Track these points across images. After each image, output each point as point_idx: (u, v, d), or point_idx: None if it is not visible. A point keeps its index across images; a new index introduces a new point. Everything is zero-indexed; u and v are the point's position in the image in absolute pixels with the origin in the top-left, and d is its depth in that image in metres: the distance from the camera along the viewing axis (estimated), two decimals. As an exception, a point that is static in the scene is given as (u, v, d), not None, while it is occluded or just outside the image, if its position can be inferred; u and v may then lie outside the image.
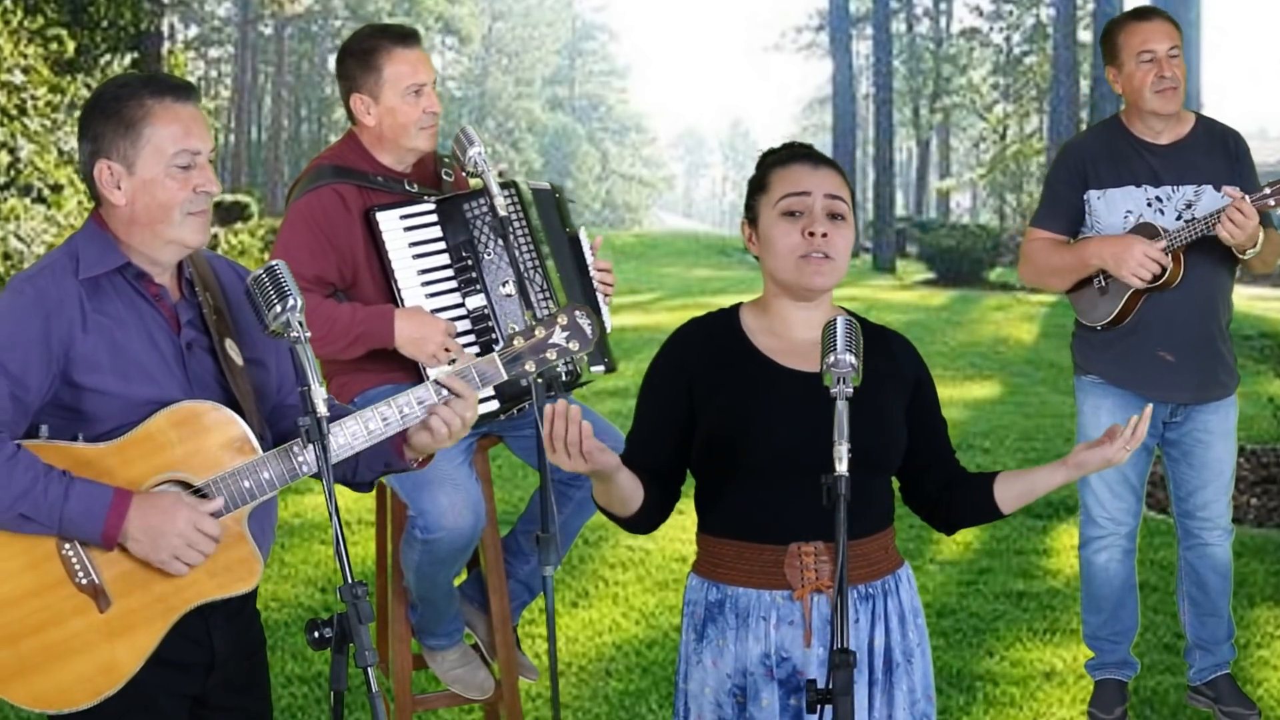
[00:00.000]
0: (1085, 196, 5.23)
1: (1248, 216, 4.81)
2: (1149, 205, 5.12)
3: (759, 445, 3.20)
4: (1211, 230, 4.91)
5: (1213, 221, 4.89)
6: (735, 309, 3.43)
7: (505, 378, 3.30)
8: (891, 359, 3.37)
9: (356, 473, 3.39)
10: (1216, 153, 5.17)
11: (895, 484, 3.45)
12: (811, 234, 3.24)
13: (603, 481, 3.16)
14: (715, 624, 3.28)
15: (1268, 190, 4.88)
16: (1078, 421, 5.43)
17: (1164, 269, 5.00)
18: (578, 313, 3.35)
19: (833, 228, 3.26)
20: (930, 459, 3.40)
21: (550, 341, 3.32)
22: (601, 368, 4.72)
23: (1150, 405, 3.31)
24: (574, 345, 3.34)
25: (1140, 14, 5.25)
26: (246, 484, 3.13)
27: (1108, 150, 5.24)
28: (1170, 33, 5.14)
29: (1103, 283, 5.19)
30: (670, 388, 3.34)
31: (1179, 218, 5.08)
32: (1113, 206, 5.16)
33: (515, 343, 3.31)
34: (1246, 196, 4.84)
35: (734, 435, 3.24)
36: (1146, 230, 5.07)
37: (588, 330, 3.35)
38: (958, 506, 3.39)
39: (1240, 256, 5.00)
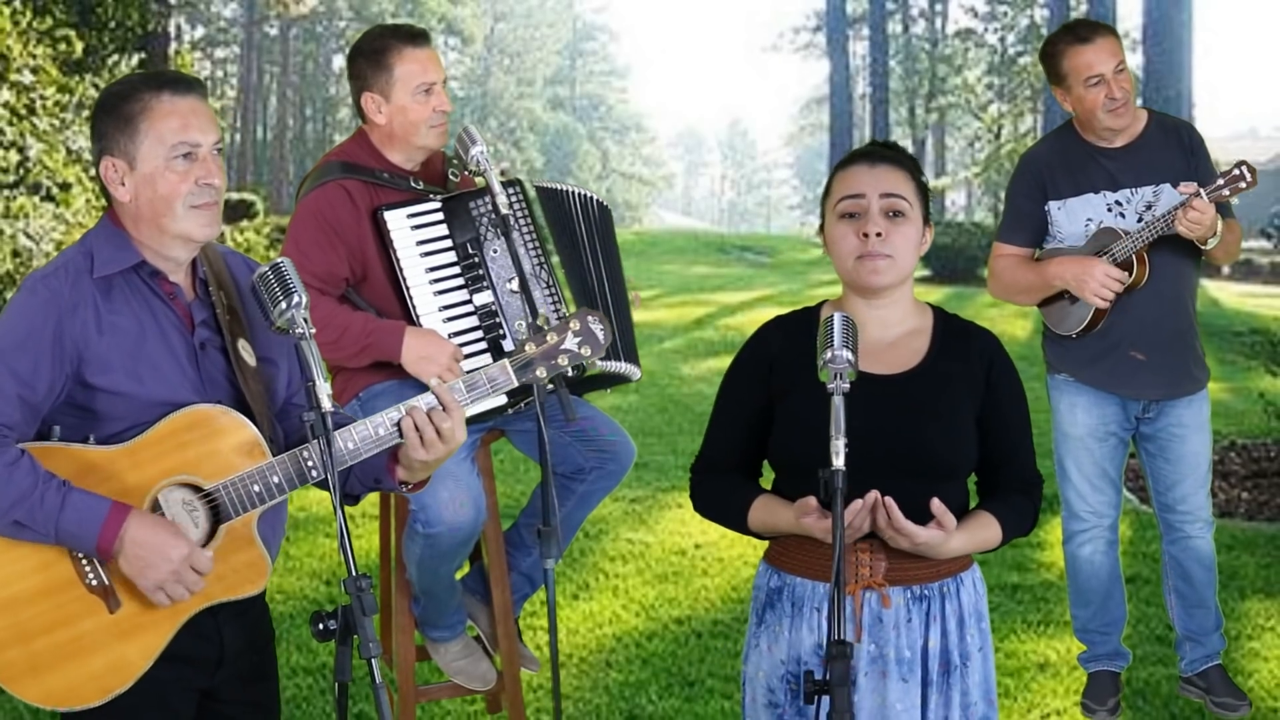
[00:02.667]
0: (1046, 208, 5.21)
1: (1203, 212, 4.79)
2: (1109, 210, 5.10)
3: (820, 443, 3.19)
4: (1171, 227, 4.89)
5: (1171, 218, 4.88)
6: (818, 307, 3.44)
7: (516, 384, 3.29)
8: (965, 360, 3.32)
9: (348, 483, 3.36)
10: (1172, 149, 5.14)
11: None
12: (866, 235, 3.23)
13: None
14: (774, 610, 3.30)
15: (1221, 181, 4.85)
16: (1053, 419, 5.42)
17: (1124, 285, 4.99)
18: (590, 318, 3.33)
19: (890, 226, 3.24)
20: (993, 461, 3.32)
21: (562, 347, 3.31)
22: (637, 372, 4.72)
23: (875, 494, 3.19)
24: (586, 350, 3.32)
25: (1080, 35, 5.12)
26: (256, 488, 3.11)
27: (1064, 159, 5.21)
28: (1114, 49, 5.06)
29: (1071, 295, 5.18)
30: (750, 383, 3.36)
31: (1140, 219, 5.07)
32: (1074, 216, 5.14)
33: (527, 348, 3.29)
34: (1202, 191, 4.81)
35: (799, 432, 3.24)
36: (1107, 235, 5.05)
37: (600, 336, 3.33)
38: None
39: (1202, 248, 4.99)
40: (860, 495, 3.03)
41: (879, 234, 3.22)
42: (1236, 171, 4.85)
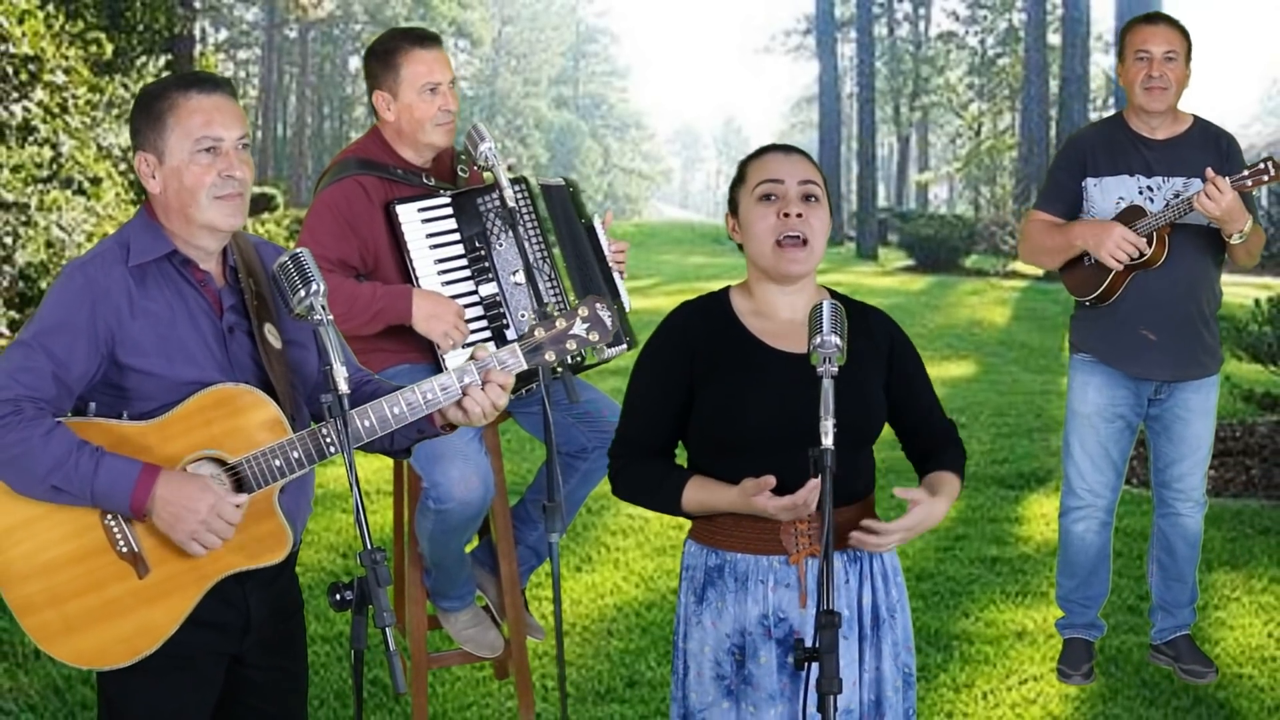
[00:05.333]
0: (1083, 183, 5.26)
1: (1222, 191, 4.83)
2: (1140, 193, 5.15)
3: (753, 422, 3.20)
4: (1191, 208, 4.94)
5: (1190, 201, 4.92)
6: (724, 292, 3.42)
7: (525, 367, 3.27)
8: (870, 336, 3.35)
9: (394, 442, 3.36)
10: (1209, 151, 5.18)
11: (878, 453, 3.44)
12: (786, 215, 3.24)
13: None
14: (714, 587, 3.28)
15: (1246, 172, 4.93)
16: (1068, 395, 5.44)
17: (1141, 252, 5.03)
18: (598, 305, 3.30)
19: (807, 209, 3.25)
20: (914, 422, 3.40)
21: (571, 333, 3.28)
22: (623, 346, 4.69)
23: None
24: (594, 336, 3.29)
25: (1149, 17, 5.31)
26: (277, 462, 3.12)
27: (1107, 142, 5.27)
28: (1169, 37, 5.15)
29: (1092, 259, 5.21)
30: (673, 368, 3.32)
31: (1166, 206, 5.10)
32: (1107, 193, 5.19)
33: (536, 333, 3.26)
34: (1223, 179, 4.87)
35: (730, 412, 3.23)
36: (1133, 211, 5.11)
37: (608, 322, 3.30)
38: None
39: (1227, 240, 5.03)
40: (776, 466, 3.07)
41: (799, 215, 3.24)
42: (1261, 165, 4.94)
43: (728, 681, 3.27)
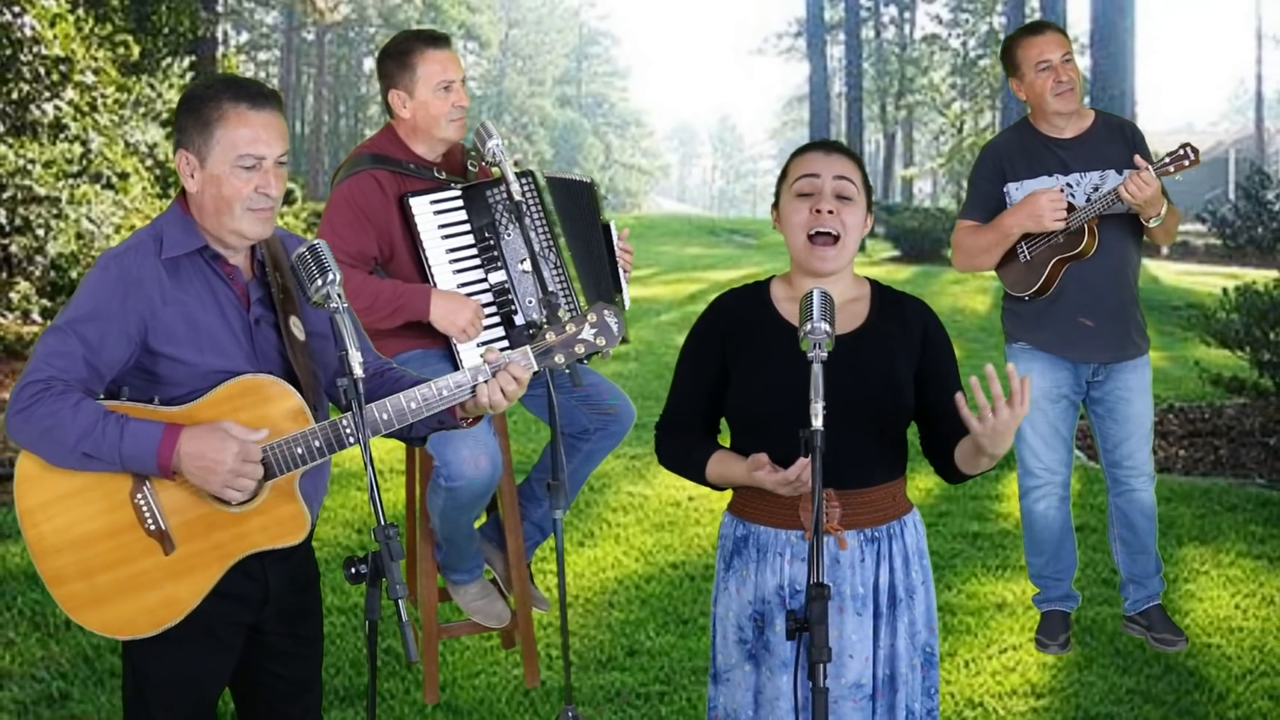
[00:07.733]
0: (1005, 189, 5.24)
1: (1148, 183, 4.87)
2: (1061, 191, 5.13)
3: (776, 401, 3.19)
4: (1118, 200, 4.97)
5: (1119, 189, 4.95)
6: (768, 281, 3.44)
7: (536, 369, 3.28)
8: (902, 323, 3.33)
9: (413, 429, 3.36)
10: (1116, 142, 5.21)
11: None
12: (819, 211, 3.23)
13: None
14: (740, 556, 3.31)
15: (1168, 159, 4.97)
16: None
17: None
18: (606, 311, 3.31)
19: (840, 206, 3.24)
20: (938, 412, 3.31)
21: (580, 337, 3.29)
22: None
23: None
24: (601, 341, 3.30)
25: (1033, 29, 5.29)
26: (299, 450, 3.12)
27: (1021, 148, 5.27)
28: (1061, 41, 5.20)
29: (1027, 256, 5.21)
30: (707, 350, 3.35)
31: (1088, 199, 5.11)
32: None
33: (547, 337, 3.28)
34: (1150, 166, 4.91)
35: (755, 392, 3.24)
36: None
37: (614, 328, 3.31)
38: (947, 468, 3.31)
39: (1146, 224, 5.06)
40: (796, 445, 3.03)
41: (830, 211, 3.23)
42: (1181, 151, 4.97)
43: (749, 646, 3.29)
